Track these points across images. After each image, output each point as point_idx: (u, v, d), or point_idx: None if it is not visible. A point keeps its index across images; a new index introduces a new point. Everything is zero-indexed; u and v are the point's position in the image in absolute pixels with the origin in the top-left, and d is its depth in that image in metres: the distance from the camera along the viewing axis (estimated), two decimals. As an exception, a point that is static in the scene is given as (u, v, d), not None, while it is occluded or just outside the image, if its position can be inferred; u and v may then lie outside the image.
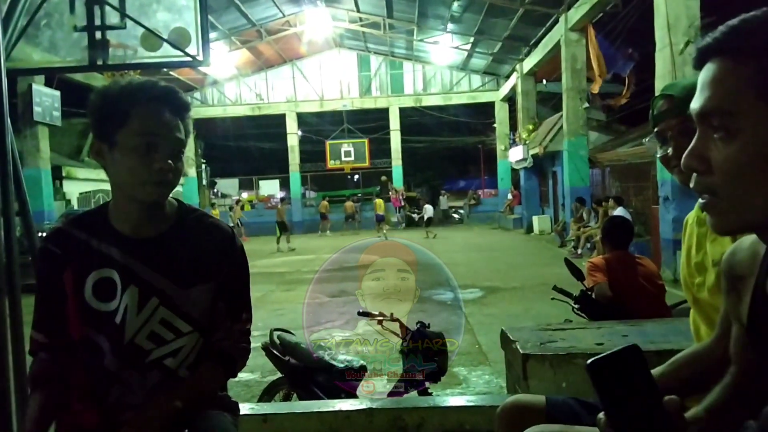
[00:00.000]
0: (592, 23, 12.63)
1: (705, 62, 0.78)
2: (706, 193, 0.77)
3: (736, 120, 0.73)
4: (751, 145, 0.72)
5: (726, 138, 0.74)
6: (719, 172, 0.75)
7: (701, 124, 0.78)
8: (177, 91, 1.38)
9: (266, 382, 4.13)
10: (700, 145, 0.77)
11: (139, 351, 1.35)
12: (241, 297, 1.48)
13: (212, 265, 1.41)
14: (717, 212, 0.78)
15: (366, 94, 24.76)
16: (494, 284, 9.55)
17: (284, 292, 9.92)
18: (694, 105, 0.79)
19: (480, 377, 5.09)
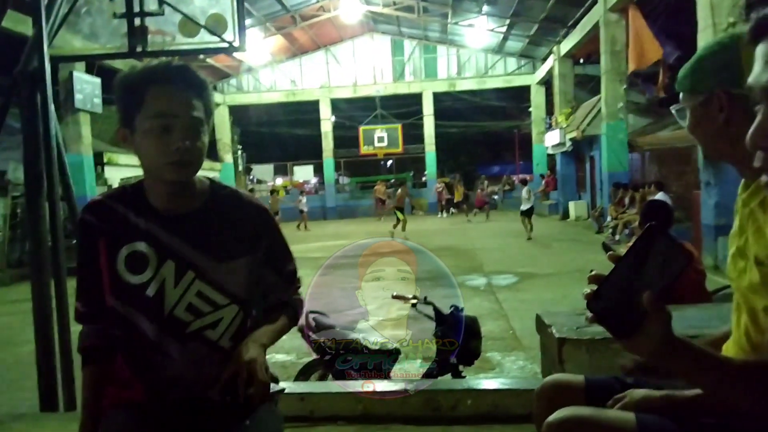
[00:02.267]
0: (634, 2, 12.26)
1: (764, 35, 0.75)
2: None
3: None
4: None
5: None
6: None
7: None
8: (190, 68, 1.37)
9: (302, 363, 4.19)
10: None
11: (179, 323, 1.39)
12: (287, 262, 1.56)
13: (247, 239, 1.45)
14: None
15: (399, 79, 24.64)
16: (529, 270, 9.46)
17: (319, 276, 10.01)
18: (759, 78, 0.75)
19: (514, 362, 5.07)
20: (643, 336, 0.88)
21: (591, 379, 1.44)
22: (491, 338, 5.71)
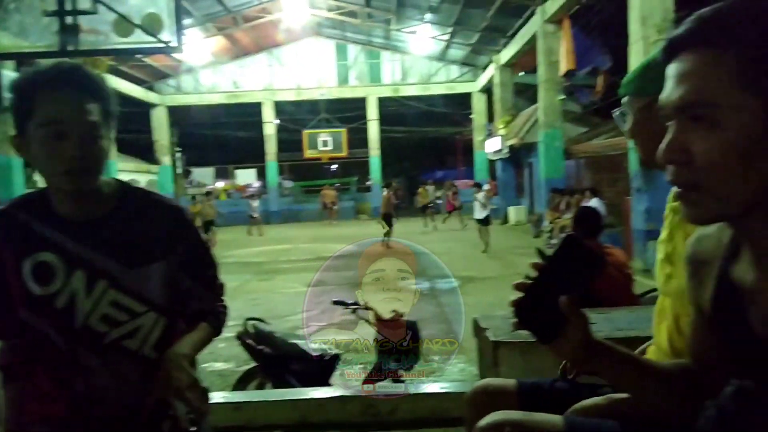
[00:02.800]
0: (568, 15, 12.72)
1: (676, 54, 0.79)
2: (687, 184, 0.78)
3: (720, 111, 0.73)
4: (735, 135, 0.73)
5: (708, 129, 0.74)
6: (702, 164, 0.75)
7: (680, 116, 0.78)
8: (82, 69, 1.29)
9: (241, 371, 4.12)
10: (680, 137, 0.77)
11: (95, 334, 1.33)
12: (207, 266, 1.50)
13: (161, 243, 1.39)
14: (695, 203, 0.78)
15: (344, 83, 24.65)
16: (470, 274, 9.63)
17: (260, 281, 9.88)
18: (671, 97, 0.79)
19: (454, 365, 5.14)
20: (564, 340, 0.92)
21: (523, 382, 1.48)
22: (432, 341, 5.78)
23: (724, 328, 0.89)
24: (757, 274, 0.82)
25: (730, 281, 0.86)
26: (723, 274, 0.88)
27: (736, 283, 0.85)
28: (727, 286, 0.87)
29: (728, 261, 0.88)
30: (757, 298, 0.82)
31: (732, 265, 0.87)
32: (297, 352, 3.37)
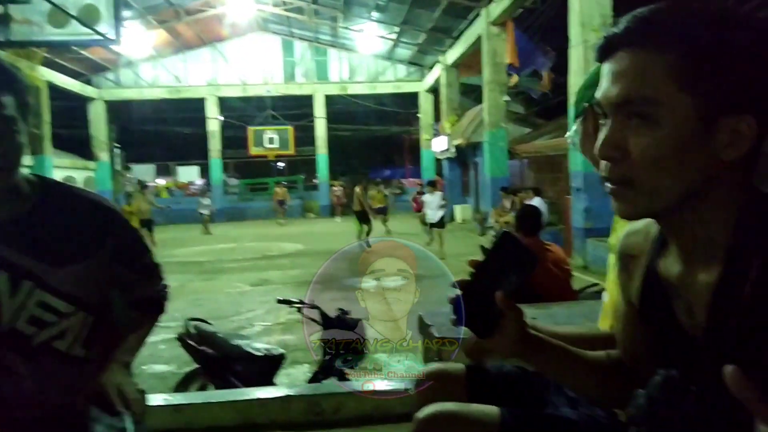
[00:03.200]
0: (512, 18, 12.99)
1: (613, 53, 0.80)
2: (621, 180, 0.80)
3: (657, 108, 0.75)
4: (671, 133, 0.75)
5: (645, 126, 0.76)
6: (638, 160, 0.77)
7: (617, 113, 0.79)
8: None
9: (182, 373, 4.02)
10: (616, 133, 0.79)
11: (22, 336, 1.28)
12: (142, 256, 1.49)
13: (89, 240, 1.35)
14: (628, 199, 0.80)
15: (290, 80, 24.39)
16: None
17: (203, 281, 9.66)
18: (608, 94, 0.80)
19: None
20: (501, 335, 0.93)
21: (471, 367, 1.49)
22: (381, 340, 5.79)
23: (652, 320, 0.93)
24: (681, 268, 0.85)
25: (656, 275, 0.89)
26: (650, 268, 0.91)
27: (662, 277, 0.88)
28: (654, 279, 0.90)
29: (655, 255, 0.91)
30: (681, 291, 0.85)
31: (659, 260, 0.90)
32: (240, 352, 3.30)
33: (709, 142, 0.75)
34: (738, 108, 0.74)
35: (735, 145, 0.75)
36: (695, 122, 0.75)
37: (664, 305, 0.88)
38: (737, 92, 0.74)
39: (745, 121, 0.74)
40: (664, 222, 0.85)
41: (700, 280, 0.82)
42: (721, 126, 0.75)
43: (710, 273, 0.80)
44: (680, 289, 0.85)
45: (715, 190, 0.78)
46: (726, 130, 0.75)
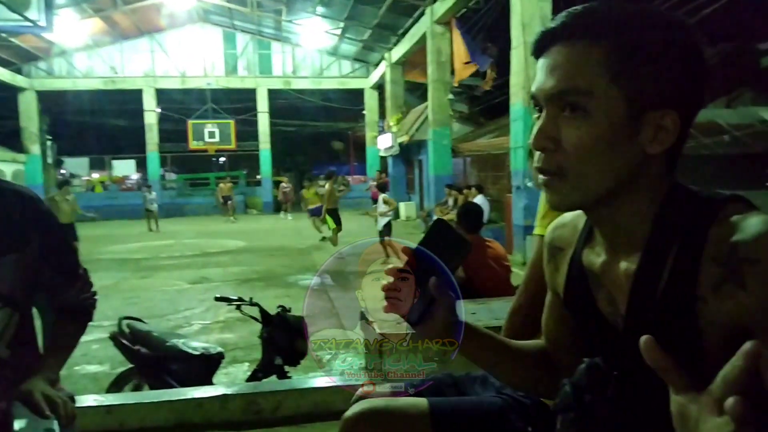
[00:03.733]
0: (456, 17, 13.15)
1: (548, 48, 0.82)
2: (554, 171, 0.81)
3: (590, 99, 0.77)
4: (601, 124, 0.77)
5: (578, 117, 0.78)
6: (570, 151, 0.79)
7: (552, 105, 0.81)
8: None
9: (116, 374, 3.87)
10: (550, 124, 0.81)
11: None
12: (67, 258, 1.45)
13: (15, 234, 1.30)
14: (560, 190, 0.82)
15: (232, 73, 23.89)
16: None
17: (139, 279, 9.34)
18: (543, 86, 0.81)
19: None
20: (432, 321, 0.94)
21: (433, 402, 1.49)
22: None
23: (577, 310, 0.95)
24: (605, 258, 0.88)
25: (581, 265, 0.92)
26: (575, 259, 0.94)
27: (586, 267, 0.91)
28: (578, 270, 0.93)
29: (581, 247, 0.93)
30: (603, 281, 0.88)
31: (584, 251, 0.93)
32: (176, 351, 3.21)
33: (636, 136, 0.78)
34: (663, 103, 0.77)
35: (659, 140, 0.78)
36: (624, 115, 0.77)
37: (587, 295, 0.90)
38: (662, 88, 0.77)
39: (669, 116, 0.78)
40: (592, 214, 0.87)
41: (621, 271, 0.85)
42: (647, 120, 0.78)
43: (630, 263, 0.83)
44: (602, 279, 0.88)
45: (639, 183, 0.81)
46: (651, 124, 0.78)
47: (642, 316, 0.81)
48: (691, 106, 0.80)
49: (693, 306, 0.75)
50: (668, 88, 0.77)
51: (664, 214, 0.81)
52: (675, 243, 0.78)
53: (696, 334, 0.75)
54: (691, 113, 0.81)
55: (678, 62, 0.78)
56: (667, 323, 0.78)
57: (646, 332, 0.79)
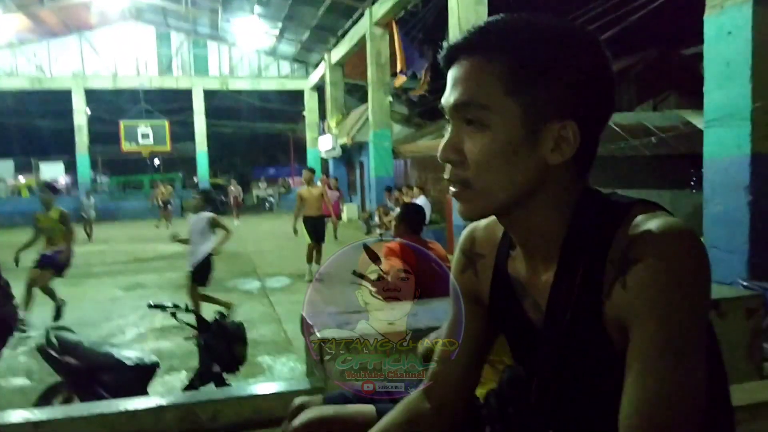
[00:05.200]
0: (395, 20, 13.24)
1: (454, 61, 0.83)
2: (460, 182, 0.83)
3: (488, 113, 0.79)
4: (500, 136, 0.79)
5: (478, 130, 0.80)
6: (472, 163, 0.81)
7: (455, 118, 0.83)
8: None
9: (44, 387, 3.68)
10: (454, 137, 0.82)
11: None
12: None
13: None
14: (467, 200, 0.83)
15: (166, 72, 23.19)
16: (302, 272, 9.61)
17: (69, 287, 8.92)
18: (448, 99, 0.83)
19: (284, 364, 5.09)
20: None
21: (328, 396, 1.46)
22: (263, 342, 5.67)
23: (502, 317, 0.97)
24: (527, 267, 0.90)
25: (506, 274, 0.94)
26: (499, 268, 0.96)
27: (511, 276, 0.93)
28: (503, 278, 0.95)
29: (503, 255, 0.95)
30: (529, 288, 0.90)
31: (507, 260, 0.94)
32: (108, 361, 3.09)
33: (536, 147, 0.80)
34: (561, 114, 0.79)
35: (560, 150, 0.80)
36: (522, 127, 0.79)
37: (514, 302, 0.92)
38: (558, 99, 0.79)
39: (569, 126, 0.79)
40: (505, 221, 0.89)
41: (541, 278, 0.87)
42: (546, 131, 0.79)
43: (549, 271, 0.86)
44: (528, 286, 0.90)
45: (546, 191, 0.83)
46: (550, 135, 0.80)
47: (559, 320, 0.83)
48: (592, 115, 0.82)
49: (599, 308, 0.78)
50: (564, 99, 0.79)
51: (576, 221, 0.83)
52: (587, 248, 0.80)
53: (603, 334, 0.78)
54: (593, 122, 0.82)
55: (572, 73, 0.79)
56: (580, 326, 0.80)
57: (563, 335, 0.82)
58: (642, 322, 0.72)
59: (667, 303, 0.71)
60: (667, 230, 0.73)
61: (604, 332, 0.78)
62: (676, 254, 0.72)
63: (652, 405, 0.69)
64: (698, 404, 0.70)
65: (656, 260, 0.72)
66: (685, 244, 0.72)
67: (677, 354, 0.70)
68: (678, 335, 0.70)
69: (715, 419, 0.82)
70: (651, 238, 0.73)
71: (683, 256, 0.72)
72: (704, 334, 0.73)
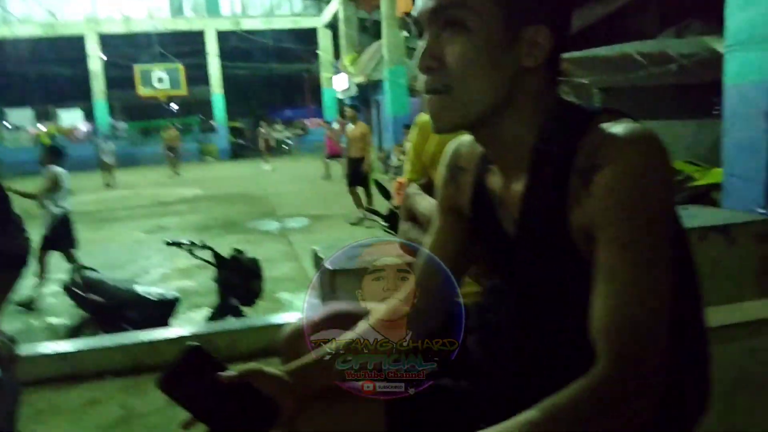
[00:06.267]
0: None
1: None
2: (440, 89, 0.84)
3: (468, 12, 0.80)
4: (481, 39, 0.80)
5: (458, 34, 0.81)
6: (453, 67, 0.82)
7: (433, 24, 0.83)
8: None
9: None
10: (433, 44, 0.83)
11: None
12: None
13: None
14: (446, 108, 0.84)
15: (178, 14, 22.84)
16: (320, 212, 9.70)
17: (94, 232, 9.15)
18: (425, 6, 0.84)
19: (303, 300, 5.23)
20: None
21: None
22: (284, 279, 5.82)
23: (481, 229, 1.00)
24: (503, 181, 0.92)
25: (484, 188, 0.96)
26: (478, 182, 0.98)
27: (489, 190, 0.96)
28: (482, 192, 0.97)
29: (482, 171, 0.97)
30: (504, 201, 0.92)
31: (485, 175, 0.97)
32: (132, 298, 3.21)
33: (513, 50, 0.82)
34: (535, 19, 0.81)
35: (533, 54, 0.82)
36: (501, 30, 0.81)
37: (491, 215, 0.95)
38: (534, 4, 0.82)
39: (542, 31, 0.82)
40: (479, 133, 0.90)
41: (514, 190, 0.89)
42: (522, 35, 0.82)
43: (520, 182, 0.88)
44: (503, 200, 0.93)
45: (519, 98, 0.85)
46: (526, 38, 0.82)
47: (530, 230, 0.86)
48: (561, 22, 0.85)
49: (567, 216, 0.80)
50: (538, 4, 0.82)
51: (544, 131, 0.85)
52: (554, 158, 0.82)
53: (572, 242, 0.80)
54: (561, 30, 0.85)
55: None
56: (549, 234, 0.83)
57: (534, 244, 0.85)
58: (605, 227, 0.74)
59: (628, 206, 0.73)
60: (628, 135, 0.75)
61: (573, 240, 0.80)
62: (637, 158, 0.73)
63: (619, 306, 0.72)
64: (664, 304, 0.72)
65: (617, 165, 0.74)
66: (645, 148, 0.74)
67: (640, 255, 0.72)
68: (639, 237, 0.72)
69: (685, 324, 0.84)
70: (613, 143, 0.75)
71: (643, 159, 0.74)
72: (668, 237, 0.75)
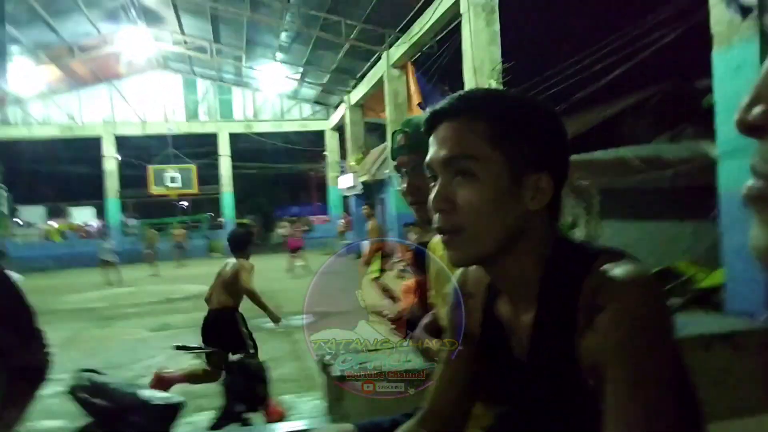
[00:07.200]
0: (411, 61, 13.57)
1: (438, 125, 0.97)
2: (452, 230, 0.94)
3: (476, 163, 0.91)
4: (488, 185, 0.91)
5: (468, 181, 0.92)
6: (464, 210, 0.92)
7: (445, 171, 0.94)
8: None
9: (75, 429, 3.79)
10: (445, 188, 0.94)
11: None
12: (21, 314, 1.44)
13: None
14: (459, 246, 0.94)
15: (193, 118, 23.90)
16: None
17: (99, 329, 9.14)
18: (438, 154, 0.95)
19: (307, 403, 5.13)
20: None
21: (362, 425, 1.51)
22: (287, 380, 5.73)
23: (491, 353, 1.07)
24: (511, 309, 1.01)
25: (493, 314, 1.05)
26: (488, 308, 1.06)
27: (498, 316, 1.04)
28: (491, 318, 1.05)
29: (491, 298, 1.06)
30: (514, 329, 1.00)
31: (494, 302, 1.05)
32: (136, 402, 3.19)
33: (518, 195, 0.93)
34: (537, 167, 0.93)
35: (537, 198, 0.93)
36: (506, 177, 0.92)
37: (501, 340, 1.02)
38: (534, 154, 0.94)
39: (544, 177, 0.93)
40: (490, 269, 1.00)
41: (523, 317, 0.98)
42: (526, 181, 0.93)
43: (529, 312, 0.96)
44: (513, 326, 1.01)
45: (527, 236, 0.95)
46: (529, 185, 0.93)
47: (541, 359, 0.93)
48: (560, 168, 0.97)
49: (575, 350, 0.87)
50: (539, 153, 0.94)
51: (550, 270, 0.94)
52: (560, 296, 0.91)
53: (577, 371, 0.87)
54: (561, 175, 0.96)
55: (543, 133, 0.95)
56: (558, 362, 0.90)
57: (545, 373, 0.93)
58: (611, 366, 0.80)
59: (629, 347, 0.79)
60: (626, 278, 0.82)
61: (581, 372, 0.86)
62: (635, 300, 0.81)
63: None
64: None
65: (617, 307, 0.81)
66: (642, 291, 0.82)
67: (645, 393, 0.77)
68: (643, 377, 0.78)
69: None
70: (612, 286, 0.83)
71: (641, 302, 0.81)
72: (671, 372, 0.80)
